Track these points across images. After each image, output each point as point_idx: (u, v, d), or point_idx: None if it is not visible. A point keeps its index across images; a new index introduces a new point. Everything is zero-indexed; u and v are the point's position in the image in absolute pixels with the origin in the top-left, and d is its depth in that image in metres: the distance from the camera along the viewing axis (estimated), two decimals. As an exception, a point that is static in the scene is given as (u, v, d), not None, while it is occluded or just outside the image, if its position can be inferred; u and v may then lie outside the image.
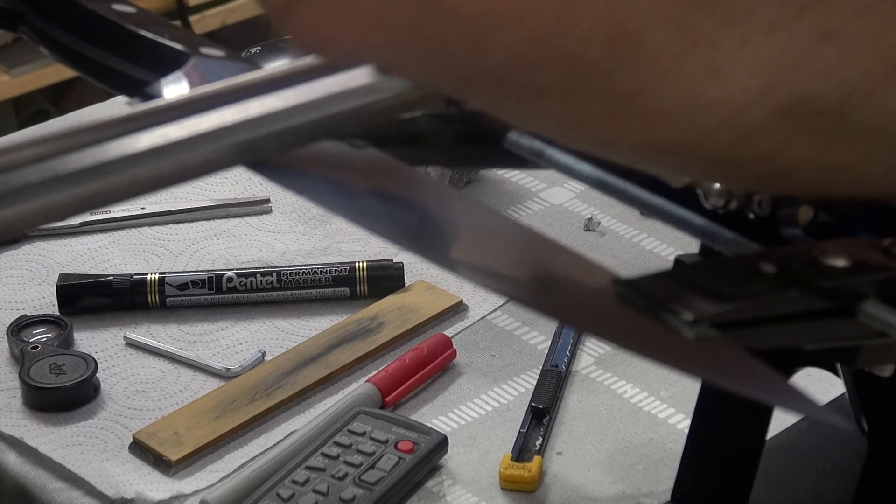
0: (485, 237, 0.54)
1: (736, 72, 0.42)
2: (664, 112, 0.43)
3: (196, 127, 0.47)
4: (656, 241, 1.05)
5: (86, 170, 0.44)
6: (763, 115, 0.43)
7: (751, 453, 0.72)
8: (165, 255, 1.05)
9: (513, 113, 0.46)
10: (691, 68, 0.42)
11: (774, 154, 0.45)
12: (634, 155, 0.47)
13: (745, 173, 0.46)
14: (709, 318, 0.45)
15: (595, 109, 0.44)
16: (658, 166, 0.49)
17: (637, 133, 0.44)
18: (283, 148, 0.51)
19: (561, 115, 0.44)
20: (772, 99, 0.43)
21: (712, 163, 0.46)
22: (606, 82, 0.42)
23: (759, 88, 0.42)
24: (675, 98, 0.43)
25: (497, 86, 0.44)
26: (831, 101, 0.43)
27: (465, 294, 1.00)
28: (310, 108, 0.50)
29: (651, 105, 0.43)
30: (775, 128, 0.44)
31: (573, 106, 0.44)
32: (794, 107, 0.43)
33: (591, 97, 0.43)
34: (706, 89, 0.42)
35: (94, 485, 0.84)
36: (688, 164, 0.47)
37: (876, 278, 0.50)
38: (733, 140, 0.44)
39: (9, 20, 0.73)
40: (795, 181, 0.46)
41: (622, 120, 0.44)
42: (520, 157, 0.67)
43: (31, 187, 0.42)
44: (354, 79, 0.51)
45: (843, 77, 0.43)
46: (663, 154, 0.46)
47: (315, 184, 0.55)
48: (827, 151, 0.45)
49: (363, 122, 0.52)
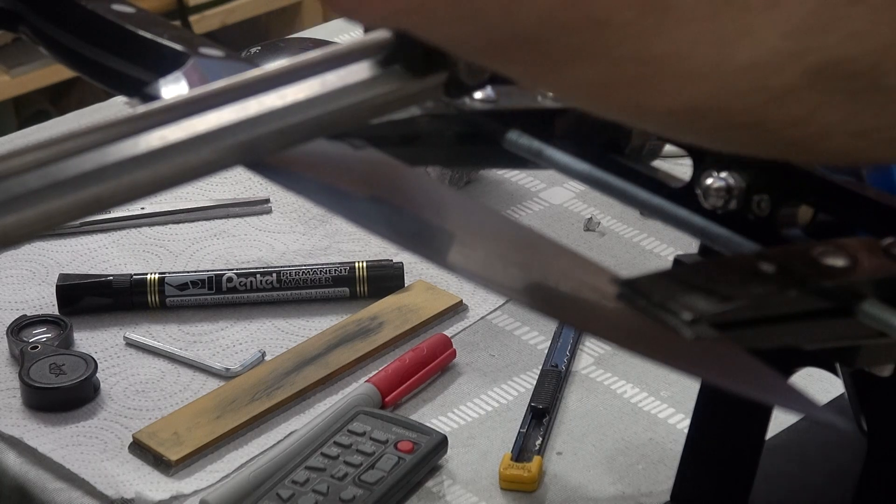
0: (485, 237, 0.54)
1: (767, 34, 0.42)
2: (696, 75, 0.43)
3: (195, 128, 0.47)
4: (656, 241, 1.05)
5: (85, 175, 0.44)
6: (794, 77, 0.43)
7: (751, 453, 0.72)
8: (165, 255, 1.05)
9: (544, 78, 0.46)
10: (722, 31, 0.42)
11: (807, 117, 0.44)
12: (667, 121, 0.46)
13: (778, 138, 0.46)
14: (708, 318, 0.45)
15: (627, 73, 0.43)
16: (691, 133, 0.48)
17: (669, 97, 0.44)
18: (283, 146, 0.51)
19: (593, 79, 0.44)
20: (803, 61, 0.42)
21: (745, 127, 0.45)
22: (638, 46, 0.42)
23: (790, 50, 0.42)
24: (707, 61, 0.43)
25: (528, 50, 0.44)
26: (863, 64, 0.43)
27: (465, 294, 1.00)
28: (308, 105, 0.50)
29: (683, 68, 0.43)
30: (807, 90, 0.43)
31: (605, 70, 0.44)
32: (825, 69, 0.43)
33: (623, 61, 0.43)
34: (737, 52, 0.42)
35: (93, 485, 0.84)
36: (720, 130, 0.46)
37: (876, 278, 0.50)
38: (766, 102, 0.44)
39: (9, 20, 0.73)
40: (828, 146, 0.46)
41: (654, 84, 0.44)
42: (520, 157, 0.67)
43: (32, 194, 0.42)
44: (353, 75, 0.51)
45: (874, 40, 0.42)
46: (696, 119, 0.45)
47: (315, 184, 0.56)
48: (860, 114, 0.44)
49: (362, 118, 0.53)
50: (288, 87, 0.49)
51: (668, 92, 0.44)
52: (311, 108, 0.50)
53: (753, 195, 0.61)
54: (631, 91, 0.44)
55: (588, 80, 0.44)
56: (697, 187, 0.62)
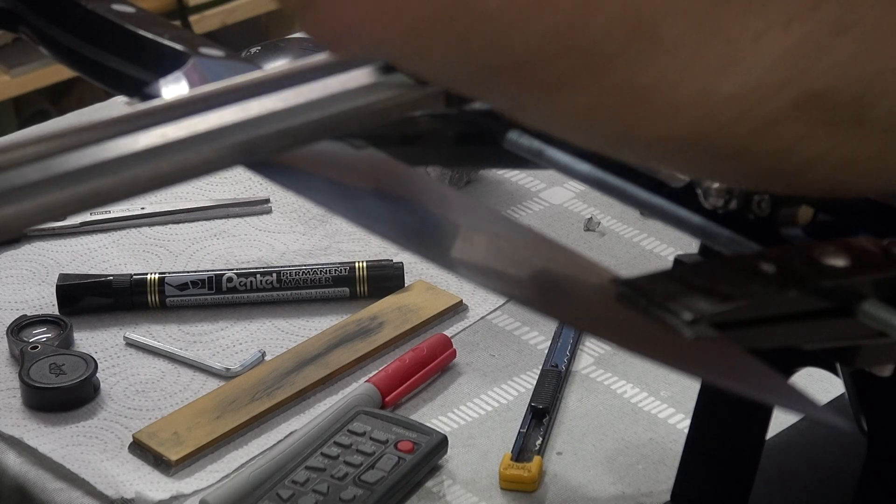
0: (484, 237, 0.54)
1: (753, 65, 0.42)
2: (681, 105, 0.43)
3: (195, 127, 0.47)
4: (656, 241, 1.05)
5: (85, 169, 0.44)
6: (779, 108, 0.43)
7: (751, 453, 0.72)
8: (165, 255, 1.05)
9: (529, 109, 0.46)
10: (708, 61, 0.42)
11: (790, 148, 0.44)
12: (650, 151, 0.47)
13: (761, 169, 0.46)
14: (709, 318, 0.45)
15: (613, 103, 0.44)
16: (672, 163, 0.49)
17: (654, 127, 0.44)
18: (283, 148, 0.51)
19: (578, 109, 0.44)
20: (788, 92, 0.43)
21: (728, 157, 0.45)
22: (624, 75, 0.42)
23: (776, 82, 0.42)
24: (693, 91, 0.43)
25: (515, 80, 0.44)
26: (848, 96, 0.43)
27: (465, 294, 1.00)
28: (309, 108, 0.50)
29: (668, 98, 0.43)
30: (791, 121, 0.43)
31: (591, 100, 0.44)
32: (810, 101, 0.43)
33: (609, 91, 0.43)
34: (723, 82, 0.42)
35: (93, 485, 0.84)
36: (702, 160, 0.46)
37: (876, 278, 0.50)
38: (749, 133, 0.44)
39: (9, 20, 0.73)
40: (811, 177, 0.46)
41: (639, 114, 0.44)
42: (520, 157, 0.67)
43: (31, 186, 0.42)
44: (354, 79, 0.51)
45: (859, 72, 0.43)
46: (679, 149, 0.45)
47: (315, 184, 0.56)
48: (843, 146, 0.45)
49: (363, 122, 0.52)
50: (290, 90, 0.49)
51: (653, 122, 0.44)
52: (312, 111, 0.50)
53: (754, 195, 0.61)
54: (617, 121, 0.45)
55: (574, 109, 0.44)
56: (698, 187, 0.62)
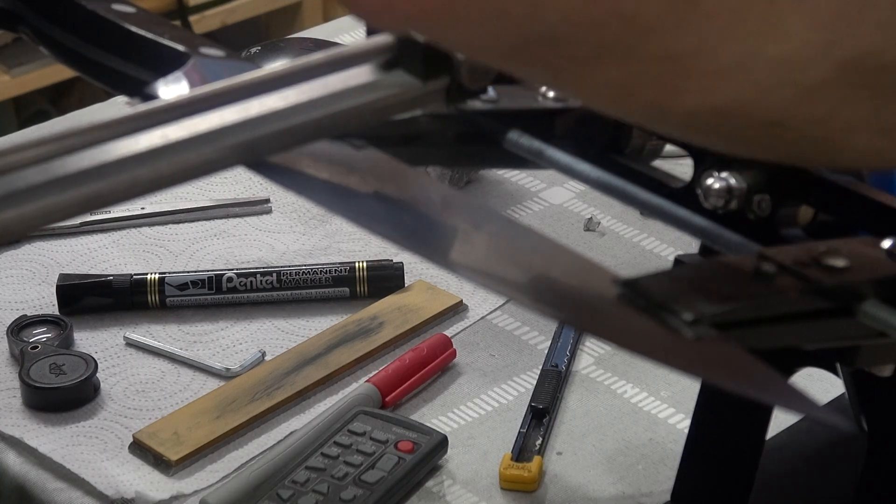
0: (484, 237, 0.54)
1: (796, 26, 0.41)
2: (723, 72, 0.42)
3: (196, 127, 0.47)
4: (656, 241, 1.05)
5: (87, 171, 0.44)
6: (823, 71, 0.42)
7: (751, 453, 0.72)
8: (165, 255, 1.05)
9: (567, 80, 0.45)
10: (751, 24, 0.41)
11: (831, 114, 0.44)
12: (688, 123, 0.46)
13: (800, 138, 0.45)
14: (709, 318, 0.45)
15: (652, 73, 0.43)
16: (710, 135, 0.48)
17: (693, 97, 0.43)
18: (284, 147, 0.51)
19: (617, 79, 0.44)
20: (832, 54, 0.42)
21: (767, 127, 0.45)
22: (664, 42, 0.42)
23: (820, 43, 0.42)
24: (734, 57, 0.42)
25: (553, 51, 0.43)
26: (890, 56, 0.42)
27: (465, 294, 1.00)
28: (310, 107, 0.50)
29: (710, 65, 0.42)
30: (834, 85, 0.43)
31: (630, 70, 0.43)
32: (854, 62, 0.42)
33: (649, 59, 0.42)
34: (766, 46, 0.42)
35: (94, 485, 0.84)
36: (741, 131, 0.45)
37: (876, 278, 0.50)
38: (792, 100, 0.43)
39: (9, 20, 0.73)
40: (849, 145, 0.45)
41: (679, 83, 0.43)
42: (520, 157, 0.67)
43: (33, 189, 0.43)
44: (354, 78, 0.51)
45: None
46: (717, 121, 0.45)
47: (315, 184, 0.56)
48: (883, 110, 0.44)
49: (363, 121, 0.52)
50: (290, 89, 0.49)
51: (692, 91, 0.43)
52: (312, 110, 0.50)
53: (754, 195, 0.61)
54: (655, 91, 0.44)
55: (612, 80, 0.44)
56: (698, 187, 0.62)
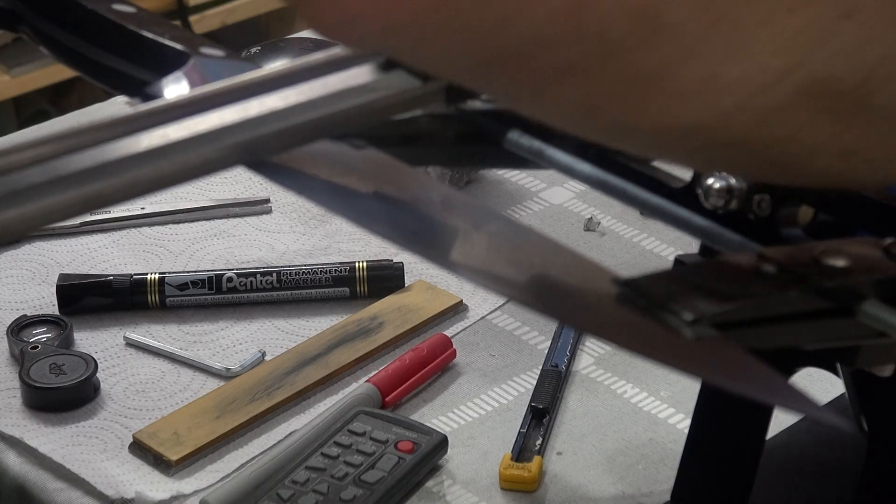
0: (484, 237, 0.54)
1: (757, 50, 0.42)
2: (686, 93, 0.43)
3: (196, 127, 0.47)
4: (656, 241, 1.05)
5: (87, 171, 0.44)
6: (783, 95, 0.43)
7: (751, 453, 0.72)
8: (165, 255, 1.05)
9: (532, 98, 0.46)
10: (713, 46, 0.42)
11: (792, 136, 0.44)
12: (653, 140, 0.46)
13: (763, 159, 0.46)
14: (709, 318, 0.45)
15: (617, 91, 0.43)
16: (675, 154, 0.48)
17: (658, 116, 0.44)
18: (284, 148, 0.51)
19: (581, 97, 0.44)
20: (792, 78, 0.42)
21: (731, 146, 0.45)
22: (629, 61, 0.42)
23: (780, 67, 0.42)
24: (697, 78, 0.42)
25: (519, 67, 0.43)
26: (851, 83, 0.43)
27: (465, 294, 1.00)
28: (309, 107, 0.50)
29: (673, 85, 0.43)
30: (795, 109, 0.43)
31: (595, 88, 0.43)
32: (814, 87, 0.43)
33: (614, 78, 0.43)
34: (728, 68, 0.42)
35: (94, 485, 0.84)
36: (705, 150, 0.46)
37: (876, 278, 0.50)
38: (753, 121, 0.44)
39: (9, 20, 0.73)
40: (813, 167, 0.46)
41: (643, 102, 0.43)
42: (520, 157, 0.67)
43: (33, 189, 0.43)
44: (354, 77, 0.51)
45: (863, 58, 0.42)
46: (681, 139, 0.45)
47: (315, 184, 0.56)
48: (845, 134, 0.44)
49: (363, 121, 0.52)
50: (290, 89, 0.49)
51: (655, 110, 0.44)
52: (312, 110, 0.50)
53: (754, 195, 0.61)
54: (619, 110, 0.44)
55: (576, 98, 0.44)
56: (698, 187, 0.62)
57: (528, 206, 1.10)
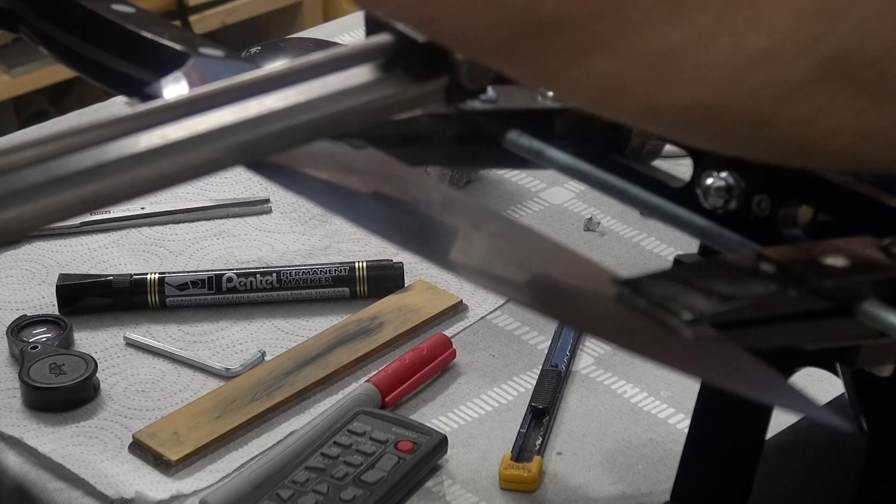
0: (484, 238, 0.54)
1: (781, 20, 0.42)
2: (710, 66, 0.43)
3: (196, 127, 0.47)
4: (656, 241, 1.05)
5: (87, 171, 0.44)
6: (806, 68, 0.43)
7: (751, 453, 0.72)
8: (165, 255, 1.05)
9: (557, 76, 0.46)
10: (737, 19, 0.42)
11: (814, 114, 0.44)
12: (675, 120, 0.46)
13: (784, 138, 0.46)
14: (708, 318, 0.45)
15: (643, 66, 0.43)
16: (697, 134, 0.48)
17: (681, 93, 0.44)
18: (283, 148, 0.51)
19: (608, 74, 0.44)
20: (815, 51, 0.43)
21: (752, 126, 0.45)
22: (658, 33, 0.42)
23: (803, 38, 0.42)
24: (721, 51, 0.43)
25: (547, 43, 0.43)
26: (873, 54, 0.43)
27: (465, 294, 1.00)
28: (309, 107, 0.50)
29: (698, 59, 0.43)
30: (817, 83, 0.43)
31: (622, 63, 0.43)
32: (837, 59, 0.43)
33: (641, 52, 0.43)
34: (753, 40, 0.42)
35: (93, 485, 0.84)
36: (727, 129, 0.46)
37: (876, 278, 0.50)
38: (775, 98, 0.44)
39: (9, 20, 0.73)
40: (833, 147, 0.46)
41: (668, 77, 0.44)
42: (520, 157, 0.67)
43: (33, 189, 0.43)
44: (354, 78, 0.51)
45: (886, 27, 0.43)
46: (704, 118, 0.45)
47: (315, 184, 0.56)
48: (866, 113, 0.45)
49: (363, 121, 0.52)
50: (289, 89, 0.49)
51: (681, 87, 0.44)
52: (311, 110, 0.50)
53: (753, 195, 0.61)
54: (645, 87, 0.44)
55: (603, 75, 0.44)
56: (697, 187, 0.62)
57: (528, 206, 1.10)
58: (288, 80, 0.50)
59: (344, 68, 0.51)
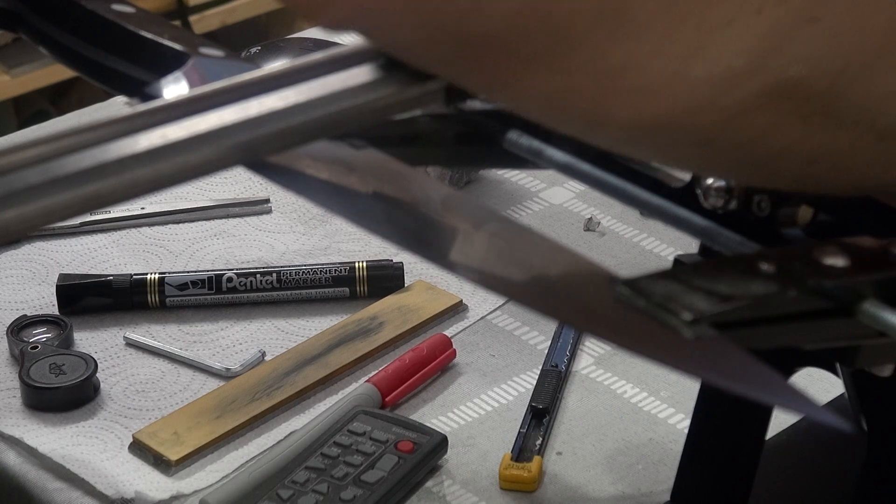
0: (484, 238, 0.54)
1: (721, 51, 0.42)
2: (651, 88, 0.43)
3: (195, 127, 0.47)
4: (656, 241, 1.05)
5: (86, 171, 0.44)
6: (747, 96, 0.43)
7: (751, 453, 0.72)
8: (165, 255, 1.05)
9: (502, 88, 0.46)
10: (679, 45, 0.42)
11: (760, 138, 0.44)
12: (620, 136, 0.46)
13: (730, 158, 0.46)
14: (708, 318, 0.45)
15: (583, 84, 0.43)
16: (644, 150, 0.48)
17: (623, 111, 0.44)
18: (283, 147, 0.51)
19: (549, 89, 0.44)
20: (756, 80, 0.42)
21: (698, 145, 0.45)
22: (594, 56, 0.42)
23: (744, 68, 0.42)
24: (663, 74, 0.42)
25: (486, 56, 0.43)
26: (817, 86, 0.43)
27: (465, 294, 1.00)
28: (309, 107, 0.50)
29: (638, 81, 0.43)
30: (761, 110, 0.43)
31: (562, 80, 0.43)
32: (779, 89, 0.43)
33: (580, 71, 0.43)
34: (692, 67, 0.42)
35: (93, 485, 0.84)
36: (673, 147, 0.46)
37: (876, 278, 0.50)
38: (719, 121, 0.44)
39: (9, 20, 0.73)
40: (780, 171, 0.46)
41: (610, 96, 0.44)
42: (520, 157, 0.67)
43: (32, 189, 0.42)
44: (354, 77, 0.51)
45: (828, 62, 0.43)
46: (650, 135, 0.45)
47: (315, 184, 0.55)
48: (811, 138, 0.45)
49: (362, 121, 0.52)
50: (289, 89, 0.49)
51: (622, 106, 0.44)
52: (311, 110, 0.50)
53: (753, 195, 0.61)
54: (586, 103, 0.44)
55: (545, 89, 0.44)
56: (697, 187, 0.62)
57: (528, 206, 1.10)
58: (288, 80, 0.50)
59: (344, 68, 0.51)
